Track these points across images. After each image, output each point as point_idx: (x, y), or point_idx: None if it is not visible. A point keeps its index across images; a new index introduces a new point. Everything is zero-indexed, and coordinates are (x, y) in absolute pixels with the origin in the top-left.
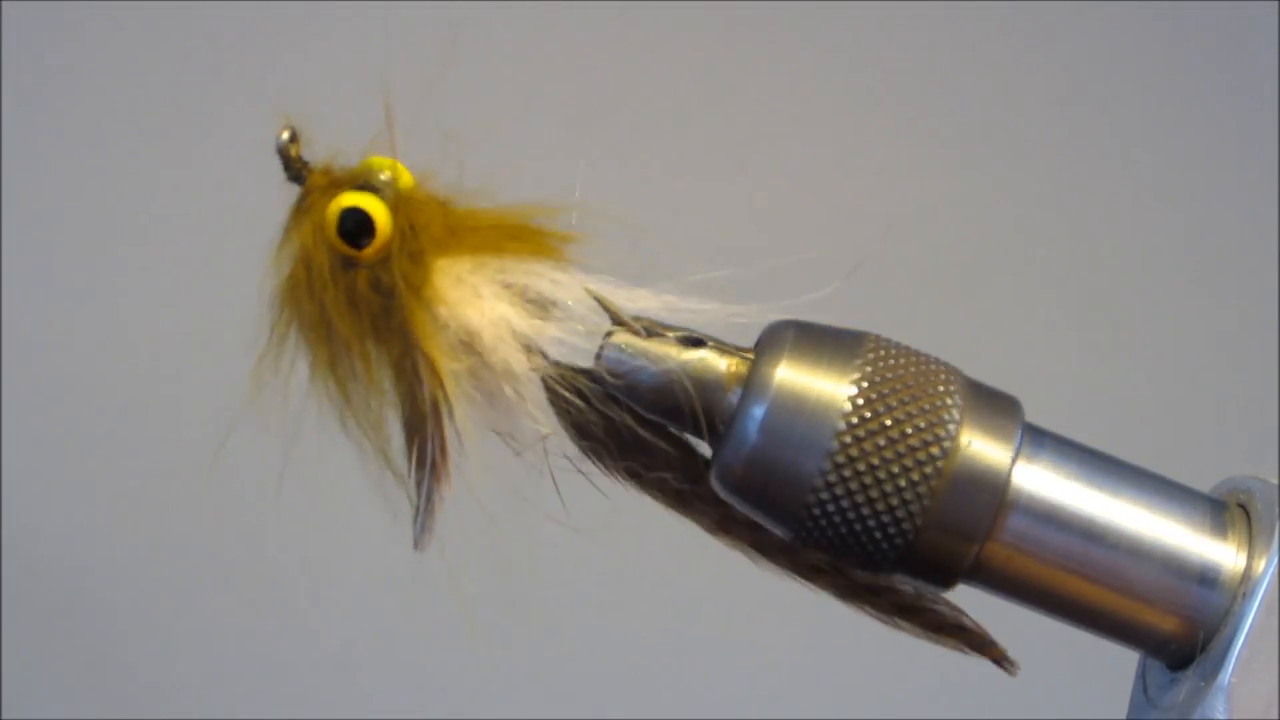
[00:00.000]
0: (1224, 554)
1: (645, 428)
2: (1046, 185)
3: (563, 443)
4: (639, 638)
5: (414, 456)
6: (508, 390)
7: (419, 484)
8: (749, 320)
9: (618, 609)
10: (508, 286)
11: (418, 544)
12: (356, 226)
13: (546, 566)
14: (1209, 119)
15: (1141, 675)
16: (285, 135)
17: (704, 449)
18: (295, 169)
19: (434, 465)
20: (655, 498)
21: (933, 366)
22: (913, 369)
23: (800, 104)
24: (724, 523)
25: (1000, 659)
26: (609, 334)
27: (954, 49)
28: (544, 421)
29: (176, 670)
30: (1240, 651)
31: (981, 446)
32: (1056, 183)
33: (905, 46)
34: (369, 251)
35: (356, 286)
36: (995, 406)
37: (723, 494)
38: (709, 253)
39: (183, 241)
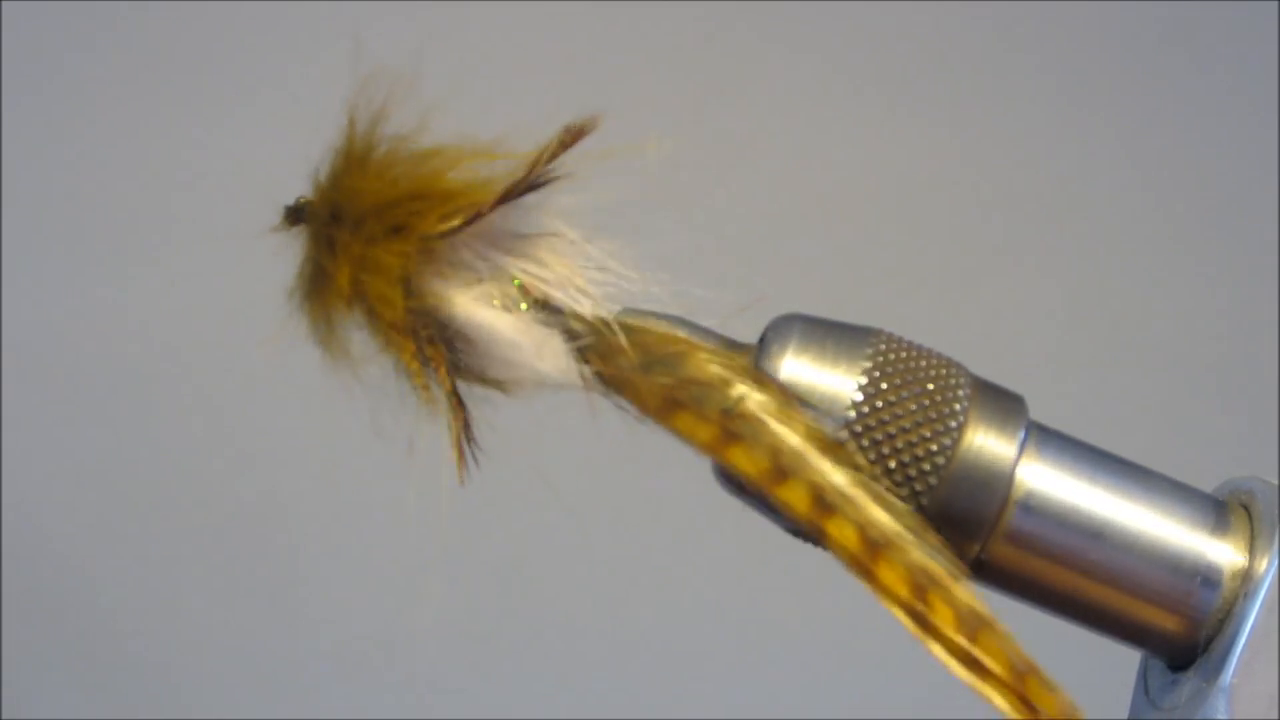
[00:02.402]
0: (1226, 554)
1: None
2: (1046, 183)
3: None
4: (639, 638)
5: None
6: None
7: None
8: (751, 316)
9: (618, 608)
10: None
11: (463, 472)
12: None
13: (546, 566)
14: (1209, 117)
15: (1143, 675)
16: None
17: None
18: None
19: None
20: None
21: (939, 363)
22: (919, 365)
23: (797, 97)
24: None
25: None
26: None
27: (952, 44)
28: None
29: (178, 670)
30: (1242, 652)
31: (986, 444)
32: (1056, 181)
33: (903, 40)
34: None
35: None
36: (1000, 404)
37: (724, 488)
38: (709, 247)
39: (181, 238)
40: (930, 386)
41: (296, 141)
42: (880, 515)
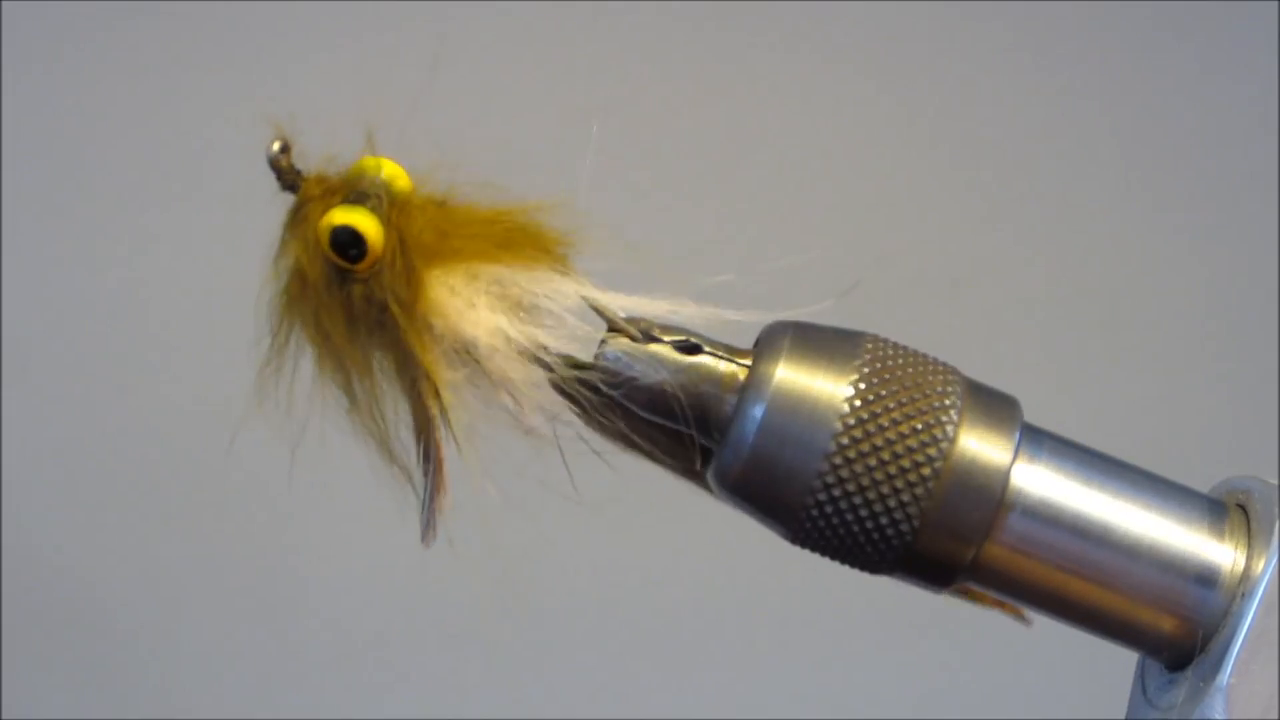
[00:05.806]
0: (1223, 554)
1: (644, 425)
2: (1046, 186)
3: (571, 429)
4: (639, 638)
5: (420, 453)
6: (505, 397)
7: (425, 479)
8: (747, 323)
9: (618, 609)
10: (503, 295)
11: (424, 539)
12: (350, 238)
13: (547, 567)
14: (1208, 119)
15: (1140, 676)
16: (276, 146)
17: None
18: (289, 179)
19: (436, 465)
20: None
21: (932, 366)
22: (911, 369)
23: (798, 108)
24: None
25: None
26: (604, 340)
27: (952, 52)
28: (541, 421)
29: (177, 670)
30: (1239, 652)
31: (980, 447)
32: (1056, 183)
33: (903, 50)
34: (362, 266)
35: (353, 298)
36: (994, 407)
37: (720, 495)
38: (707, 257)
39: (181, 242)
40: (922, 391)
41: (297, 137)
42: None
